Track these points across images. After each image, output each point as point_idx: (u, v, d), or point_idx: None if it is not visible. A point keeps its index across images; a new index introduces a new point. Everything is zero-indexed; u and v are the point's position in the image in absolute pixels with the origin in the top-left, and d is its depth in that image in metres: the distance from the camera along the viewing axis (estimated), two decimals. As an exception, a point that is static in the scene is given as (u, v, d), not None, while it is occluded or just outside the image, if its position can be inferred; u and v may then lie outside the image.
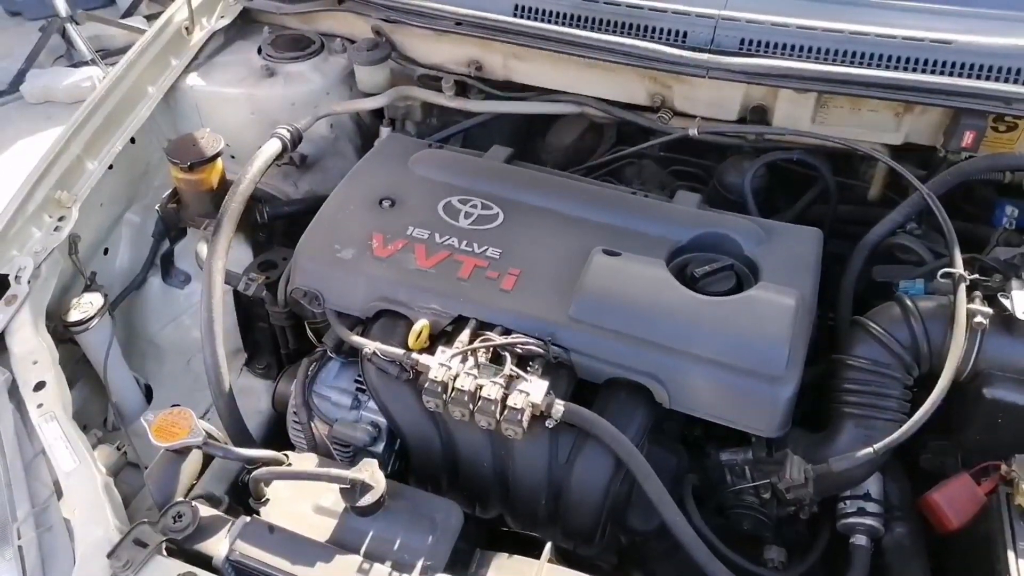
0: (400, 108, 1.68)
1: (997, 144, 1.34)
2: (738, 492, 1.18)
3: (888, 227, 1.33)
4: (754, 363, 1.09)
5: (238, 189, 1.33)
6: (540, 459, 1.14)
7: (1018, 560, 0.96)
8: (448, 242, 1.26)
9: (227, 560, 1.00)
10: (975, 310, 1.08)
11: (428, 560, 1.00)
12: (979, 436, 1.11)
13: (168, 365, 1.59)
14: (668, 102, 1.51)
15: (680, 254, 1.26)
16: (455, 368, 1.11)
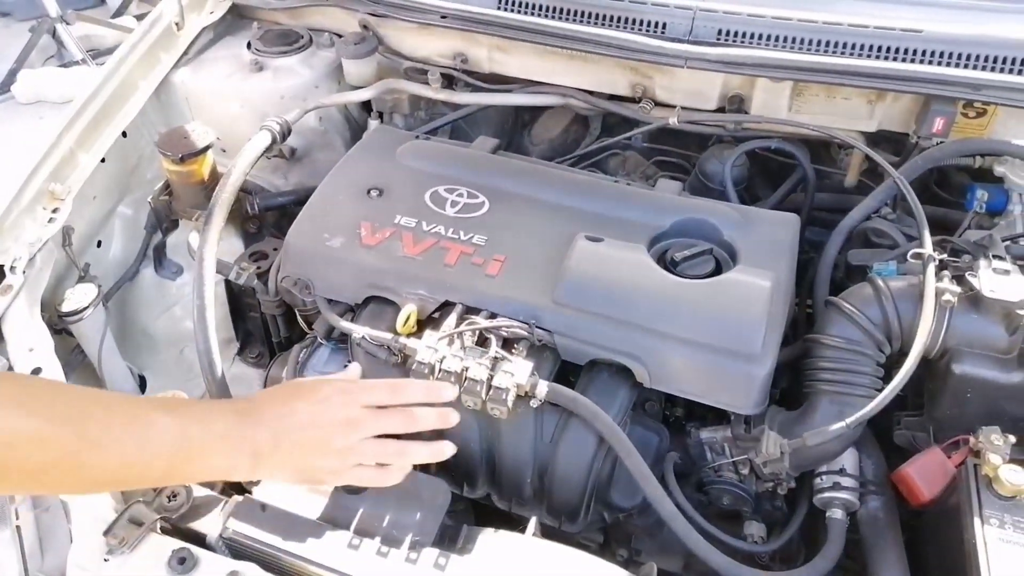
0: (388, 101, 1.71)
1: (967, 130, 1.38)
2: (718, 468, 1.22)
3: (863, 212, 1.36)
4: (731, 343, 1.13)
5: (229, 180, 1.36)
6: (525, 438, 1.17)
7: (983, 526, 0.99)
8: (435, 230, 1.29)
9: (220, 537, 1.03)
10: (944, 288, 1.11)
11: (416, 536, 1.03)
12: (949, 411, 1.14)
13: (161, 355, 1.62)
14: (649, 92, 1.55)
15: (661, 239, 1.30)
16: (442, 351, 1.14)
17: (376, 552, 1.00)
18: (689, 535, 1.09)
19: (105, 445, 0.77)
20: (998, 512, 1.01)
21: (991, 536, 0.98)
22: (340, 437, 0.91)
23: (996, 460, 1.03)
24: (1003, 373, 1.10)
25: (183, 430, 0.82)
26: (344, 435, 0.91)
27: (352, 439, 0.91)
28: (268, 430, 0.87)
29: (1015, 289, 1.10)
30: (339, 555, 1.00)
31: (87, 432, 0.76)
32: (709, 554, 1.09)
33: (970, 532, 0.99)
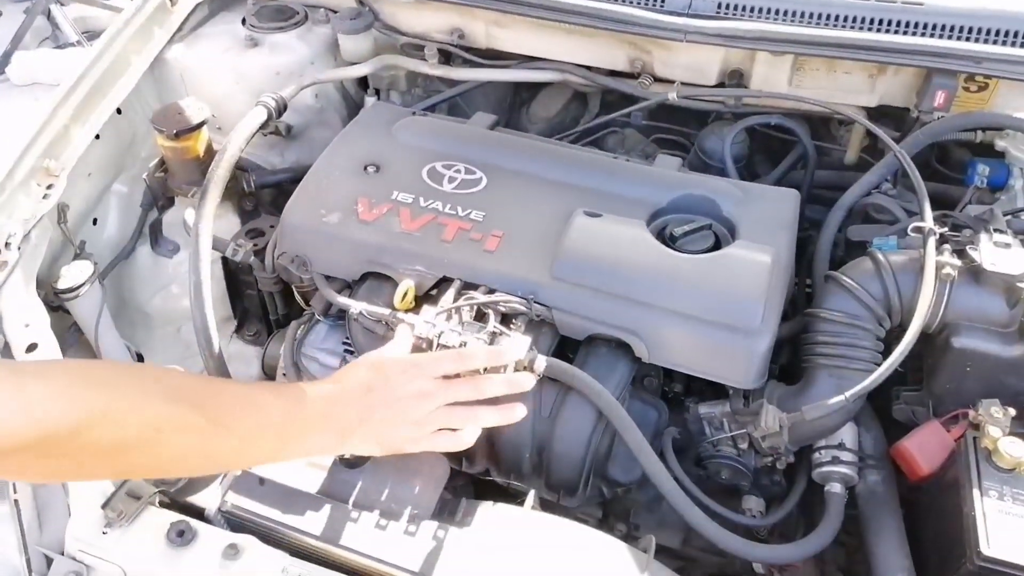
0: (384, 77, 1.69)
1: (969, 104, 1.37)
2: (716, 443, 1.22)
3: (863, 188, 1.36)
4: (731, 317, 1.12)
5: (224, 156, 1.35)
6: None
7: (983, 499, 0.99)
8: (432, 206, 1.28)
9: (219, 511, 1.03)
10: (944, 262, 1.11)
11: (415, 509, 1.03)
12: (948, 385, 1.14)
13: (158, 334, 1.61)
14: (648, 67, 1.53)
15: (660, 215, 1.29)
16: (440, 326, 1.14)
17: (375, 525, 1.01)
18: (688, 509, 1.09)
19: (231, 427, 0.83)
20: (997, 484, 1.01)
21: (990, 508, 0.98)
22: (415, 409, 0.98)
23: (996, 433, 1.03)
24: (1003, 347, 1.10)
25: (289, 411, 0.89)
26: (418, 407, 0.98)
27: (426, 409, 0.98)
28: (355, 410, 0.95)
29: (1016, 262, 1.10)
30: (338, 528, 1.00)
31: (217, 416, 0.81)
32: (708, 528, 1.09)
33: (969, 505, 0.99)
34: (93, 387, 0.73)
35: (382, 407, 0.96)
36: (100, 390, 0.73)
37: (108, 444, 0.73)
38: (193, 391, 0.82)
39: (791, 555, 1.13)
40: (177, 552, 0.97)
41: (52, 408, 0.69)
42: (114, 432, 0.73)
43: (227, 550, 0.96)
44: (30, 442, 0.68)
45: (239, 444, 0.85)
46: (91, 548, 0.98)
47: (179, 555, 0.97)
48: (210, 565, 0.96)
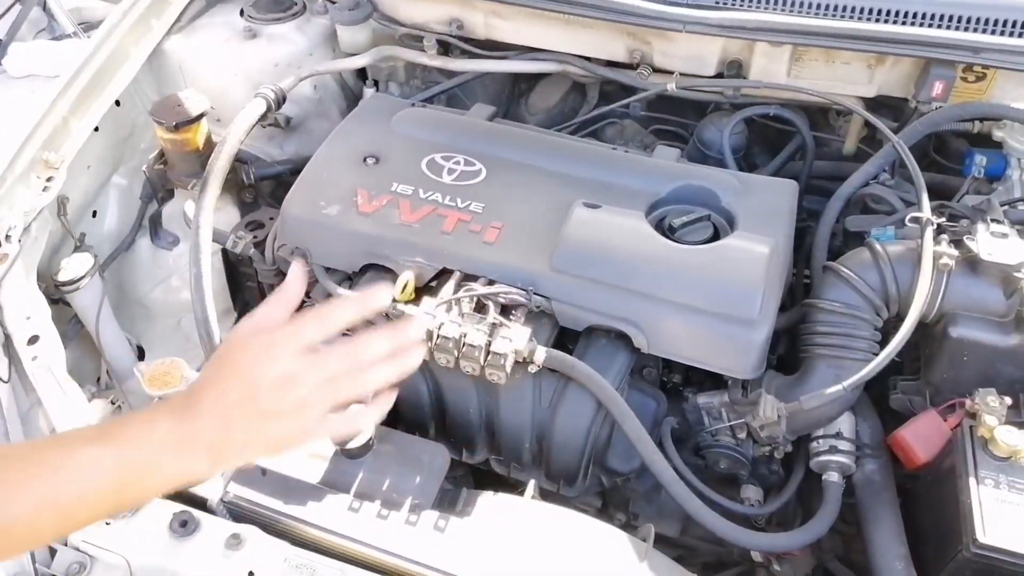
0: (383, 69, 1.69)
1: (967, 94, 1.37)
2: (715, 433, 1.22)
3: (861, 178, 1.36)
4: (729, 308, 1.13)
5: (224, 148, 1.35)
6: (524, 403, 1.17)
7: (979, 487, 1.00)
8: (432, 197, 1.29)
9: (222, 501, 1.04)
10: (941, 252, 1.12)
11: (416, 499, 1.04)
12: (945, 374, 1.15)
13: (158, 326, 1.61)
14: (647, 58, 1.53)
15: (659, 206, 1.29)
16: (440, 318, 1.14)
17: (376, 515, 1.01)
18: (686, 499, 1.10)
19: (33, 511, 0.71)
20: (993, 473, 1.01)
21: (986, 496, 0.99)
22: (281, 398, 0.78)
23: (992, 421, 1.03)
24: (1000, 336, 1.11)
25: (119, 456, 0.74)
26: (284, 395, 0.78)
27: (295, 396, 0.78)
28: (211, 419, 0.77)
29: (1013, 252, 1.11)
30: (339, 518, 1.01)
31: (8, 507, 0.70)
32: (706, 517, 1.10)
33: (965, 493, 1.00)
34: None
35: (241, 408, 0.78)
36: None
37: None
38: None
39: (789, 543, 1.14)
40: (180, 542, 0.98)
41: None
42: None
43: (230, 540, 0.97)
44: None
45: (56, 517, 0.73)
46: (94, 539, 0.99)
47: (182, 545, 0.97)
48: (213, 555, 0.97)
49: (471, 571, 0.96)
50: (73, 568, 0.98)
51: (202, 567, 0.96)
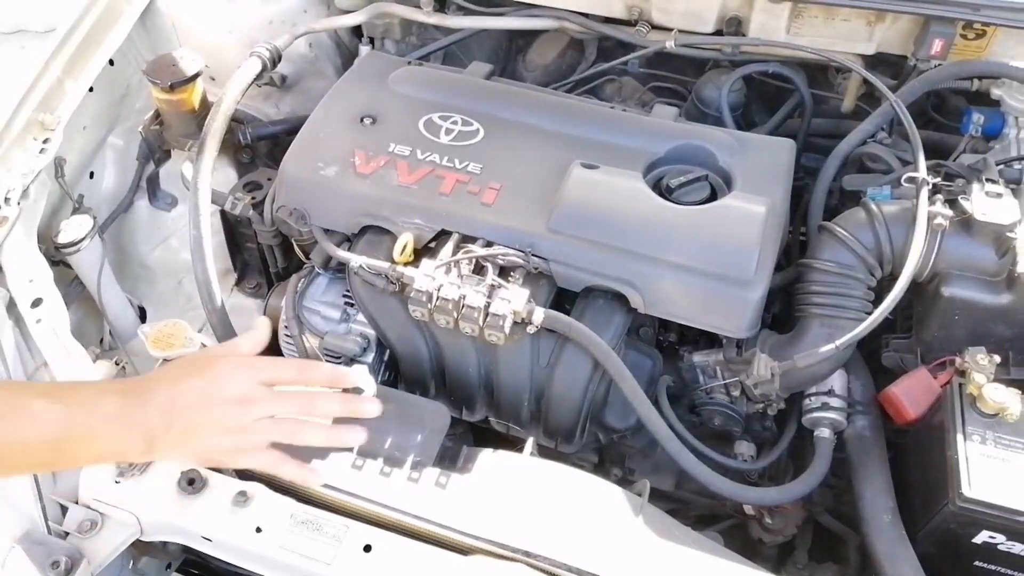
0: (379, 26, 1.67)
1: (966, 52, 1.37)
2: (709, 391, 1.25)
3: (859, 137, 1.36)
4: (725, 268, 1.14)
5: (220, 108, 1.34)
6: (522, 363, 1.19)
7: (966, 442, 1.03)
8: (429, 158, 1.29)
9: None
10: (936, 212, 1.12)
11: (417, 456, 1.06)
12: (937, 333, 1.17)
13: (160, 286, 1.62)
14: (646, 15, 1.52)
15: (657, 166, 1.29)
16: (439, 279, 1.15)
17: (379, 472, 1.04)
18: (681, 454, 1.13)
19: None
20: (981, 429, 1.04)
21: (973, 452, 1.02)
22: (233, 415, 0.85)
23: (981, 379, 1.06)
24: (991, 295, 1.12)
25: (67, 415, 0.80)
26: (236, 413, 0.85)
27: (245, 418, 0.86)
28: (158, 411, 0.83)
29: (1006, 212, 1.12)
30: (343, 475, 1.03)
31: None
32: (700, 472, 1.13)
33: (952, 448, 1.03)
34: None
35: (192, 410, 0.84)
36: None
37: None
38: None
39: (780, 497, 1.17)
40: (189, 500, 1.00)
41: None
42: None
43: (237, 497, 1.00)
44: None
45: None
46: (105, 497, 1.02)
47: (191, 502, 1.00)
48: (221, 512, 0.99)
49: (472, 526, 0.99)
50: (85, 525, 1.01)
51: (211, 523, 0.99)
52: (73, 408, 0.80)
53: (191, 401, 0.84)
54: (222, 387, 0.85)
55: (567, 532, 0.99)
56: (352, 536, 0.97)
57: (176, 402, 0.84)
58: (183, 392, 0.84)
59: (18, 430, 0.77)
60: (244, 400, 0.86)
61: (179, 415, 0.83)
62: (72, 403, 0.80)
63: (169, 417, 0.83)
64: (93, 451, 0.83)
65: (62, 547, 0.98)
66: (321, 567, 0.95)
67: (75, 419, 0.80)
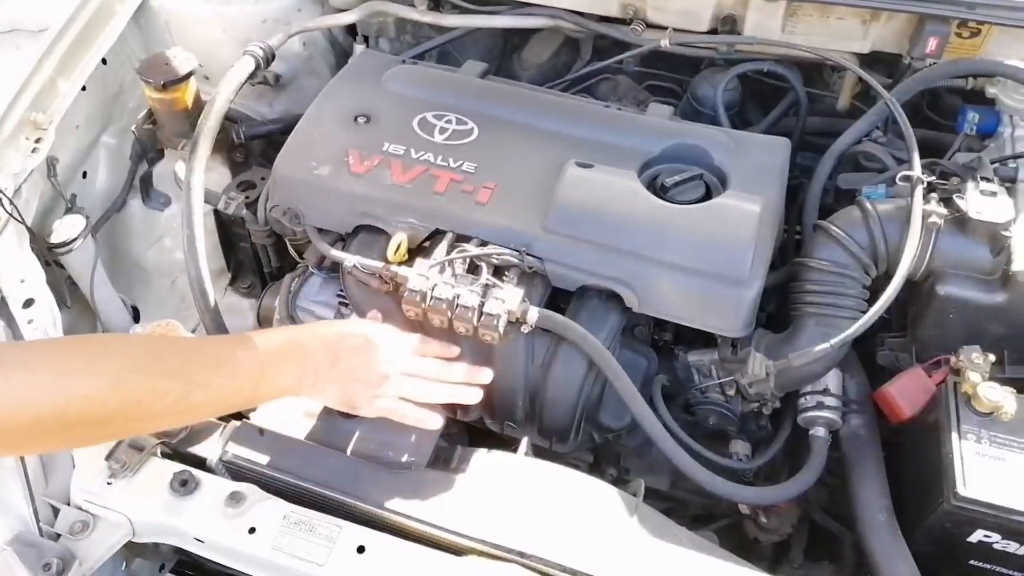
0: (373, 24, 1.67)
1: (961, 50, 1.36)
2: (704, 390, 1.25)
3: (854, 135, 1.36)
4: (719, 267, 1.14)
5: (213, 107, 1.34)
6: (517, 362, 1.19)
7: (961, 441, 1.02)
8: (424, 157, 1.28)
9: (220, 461, 1.06)
10: (930, 210, 1.12)
11: (412, 457, 1.06)
12: (932, 331, 1.17)
13: (153, 286, 1.62)
14: (640, 13, 1.51)
15: (652, 165, 1.29)
16: (433, 279, 1.15)
17: (373, 473, 1.03)
18: (676, 454, 1.13)
19: (207, 385, 0.88)
20: (975, 428, 1.04)
21: (968, 450, 1.02)
22: (382, 364, 1.05)
23: (975, 378, 1.05)
24: (986, 294, 1.12)
25: (260, 360, 0.95)
26: (385, 363, 1.05)
27: (391, 368, 1.05)
28: (325, 349, 1.01)
29: (1001, 211, 1.11)
30: (337, 476, 1.03)
31: (193, 377, 0.87)
32: (694, 471, 1.13)
33: (947, 447, 1.03)
34: (75, 372, 0.78)
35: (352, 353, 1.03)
36: (81, 375, 0.78)
37: (92, 420, 0.79)
38: (169, 358, 0.87)
39: (776, 496, 1.17)
40: (181, 501, 1.00)
41: (36, 397, 0.74)
42: (97, 410, 0.78)
43: (229, 498, 0.99)
44: (17, 428, 0.74)
45: (217, 397, 0.91)
46: (96, 498, 1.01)
47: (183, 504, 1.00)
48: (213, 513, 0.99)
49: (466, 526, 0.99)
50: (76, 527, 1.01)
51: (203, 524, 0.99)
52: (263, 351, 0.96)
53: (352, 345, 1.04)
54: (379, 342, 1.06)
55: (561, 532, 0.99)
56: (345, 537, 0.96)
57: (337, 346, 1.03)
58: (344, 337, 1.05)
59: (232, 377, 0.92)
60: (393, 356, 1.07)
61: (340, 358, 1.02)
62: (261, 347, 0.96)
63: (333, 358, 1.02)
64: (276, 387, 0.99)
65: (54, 549, 0.98)
66: (314, 568, 0.94)
67: (266, 361, 0.96)
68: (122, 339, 1.15)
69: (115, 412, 0.80)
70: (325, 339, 1.03)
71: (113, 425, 0.84)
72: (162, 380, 0.84)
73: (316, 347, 1.01)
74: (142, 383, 0.82)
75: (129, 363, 0.82)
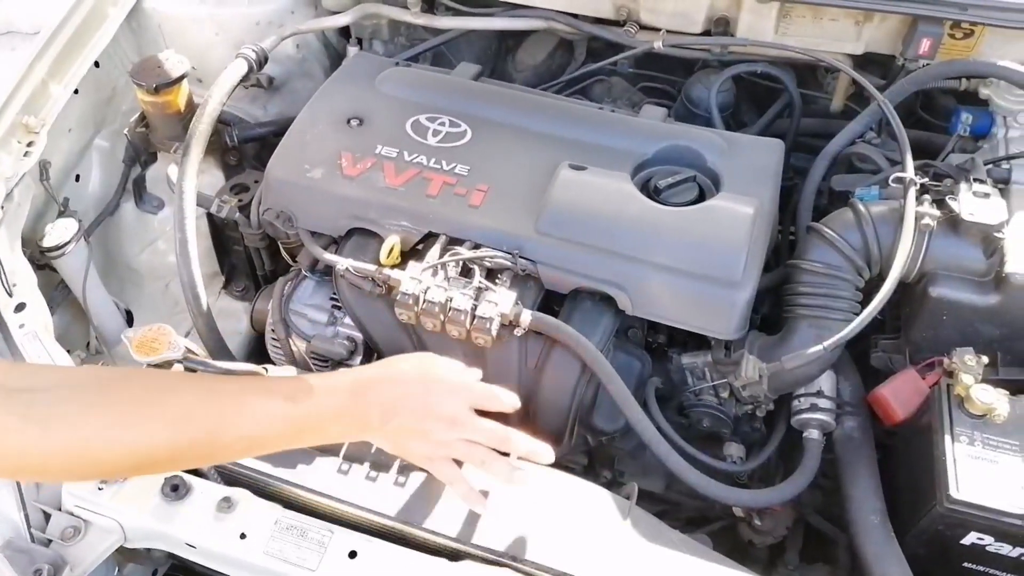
0: (367, 27, 1.67)
1: (954, 51, 1.36)
2: (698, 392, 1.25)
3: (848, 137, 1.36)
4: (712, 269, 1.14)
5: (205, 110, 1.34)
6: (510, 365, 1.19)
7: (954, 443, 1.02)
8: (417, 160, 1.28)
9: (212, 466, 1.05)
10: (923, 212, 1.12)
11: (404, 461, 1.06)
12: (925, 333, 1.17)
13: (147, 290, 1.62)
14: (634, 15, 1.51)
15: (645, 167, 1.29)
16: (426, 282, 1.15)
17: (365, 477, 1.03)
18: (669, 456, 1.13)
19: (230, 439, 0.85)
20: (968, 430, 1.04)
21: (960, 453, 1.01)
22: (442, 432, 0.96)
23: (968, 380, 1.05)
24: (979, 295, 1.12)
25: (303, 415, 0.89)
26: (446, 431, 0.96)
27: (451, 436, 0.96)
28: (380, 409, 0.93)
29: (994, 212, 1.11)
30: (329, 480, 1.02)
31: (214, 430, 0.83)
32: (688, 474, 1.13)
33: (940, 449, 1.03)
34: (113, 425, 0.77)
35: (408, 416, 0.94)
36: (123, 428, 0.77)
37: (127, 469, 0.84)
38: (196, 406, 0.83)
39: (769, 499, 1.17)
40: (172, 506, 1.00)
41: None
42: (132, 461, 0.79)
43: (221, 503, 0.99)
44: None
45: (242, 448, 0.89)
46: (87, 504, 1.01)
47: (174, 509, 0.99)
48: (204, 518, 0.99)
49: (459, 531, 0.98)
50: (68, 532, 1.00)
51: (194, 529, 0.98)
52: (309, 408, 0.89)
53: (410, 407, 0.94)
54: (440, 403, 0.96)
55: (554, 536, 0.98)
56: (337, 542, 0.96)
57: (396, 406, 0.94)
58: (405, 397, 0.94)
59: (261, 430, 0.86)
60: (454, 422, 0.96)
61: (396, 418, 0.93)
62: (308, 404, 0.89)
63: (387, 417, 0.93)
64: (318, 439, 0.94)
65: (45, 555, 0.97)
66: (306, 573, 0.94)
67: (310, 417, 0.89)
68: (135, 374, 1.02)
69: (147, 466, 0.82)
70: (381, 395, 0.93)
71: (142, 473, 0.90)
72: (195, 435, 0.82)
73: (368, 405, 0.93)
74: (176, 439, 0.81)
75: (162, 418, 0.80)
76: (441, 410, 0.96)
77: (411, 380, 0.96)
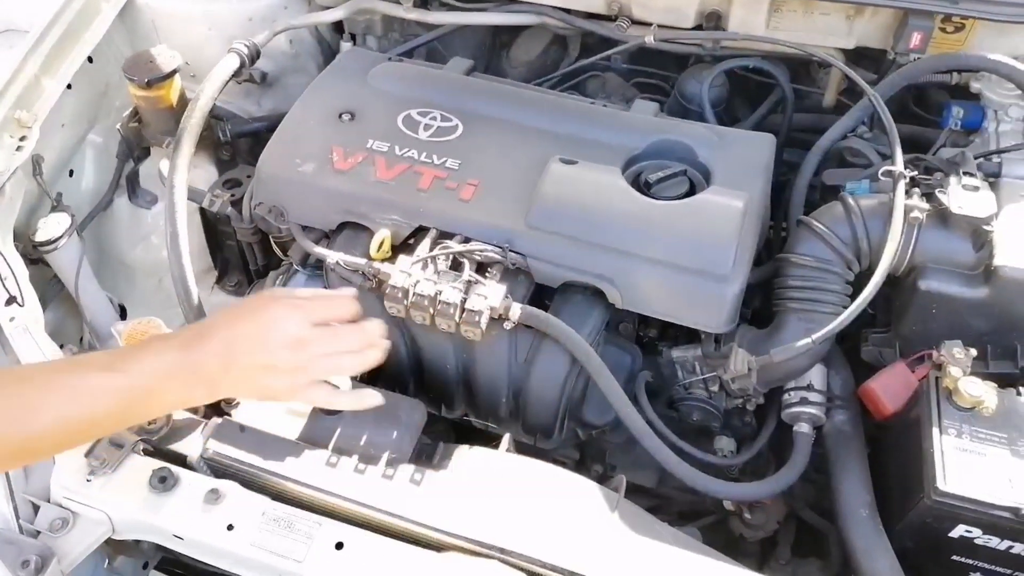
0: (360, 22, 1.67)
1: (945, 45, 1.36)
2: (688, 386, 1.25)
3: (839, 131, 1.36)
4: (702, 263, 1.14)
5: (197, 105, 1.34)
6: (500, 359, 1.19)
7: (942, 436, 1.02)
8: (408, 154, 1.28)
9: (201, 458, 1.05)
10: (912, 205, 1.12)
11: (393, 453, 1.06)
12: (915, 326, 1.16)
13: (140, 285, 1.62)
14: (625, 9, 1.51)
15: (636, 161, 1.29)
16: (416, 275, 1.15)
17: (353, 469, 1.03)
18: (659, 451, 1.13)
19: (51, 427, 0.80)
20: (956, 423, 1.04)
21: (948, 445, 1.02)
22: (289, 357, 0.91)
23: (957, 373, 1.05)
24: (968, 288, 1.12)
25: (128, 384, 0.83)
26: (293, 355, 0.91)
27: (298, 359, 0.91)
28: (216, 357, 0.87)
29: (983, 205, 1.11)
30: (317, 473, 1.02)
31: (31, 423, 0.79)
32: (679, 468, 1.13)
33: (928, 442, 1.03)
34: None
35: (248, 355, 0.89)
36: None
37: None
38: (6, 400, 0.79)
39: (760, 492, 1.17)
40: (160, 498, 1.00)
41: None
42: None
43: (208, 495, 0.99)
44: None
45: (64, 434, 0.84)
46: (76, 495, 1.01)
47: (162, 500, 1.00)
48: (192, 510, 0.99)
49: (446, 522, 0.98)
50: (56, 523, 1.00)
51: (182, 521, 0.99)
52: (133, 377, 0.83)
53: (246, 346, 0.89)
54: (276, 330, 0.90)
55: (542, 528, 0.98)
56: (324, 533, 0.96)
57: (232, 348, 0.88)
58: (238, 338, 0.89)
59: (85, 408, 0.81)
60: (298, 342, 0.91)
61: (235, 360, 0.88)
62: (132, 372, 0.84)
63: (226, 362, 0.88)
64: (158, 406, 0.90)
65: (33, 546, 0.98)
66: (292, 565, 0.94)
67: (137, 386, 0.84)
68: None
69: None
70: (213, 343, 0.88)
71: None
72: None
73: (203, 355, 0.87)
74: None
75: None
76: (280, 335, 0.90)
77: (241, 318, 0.91)
